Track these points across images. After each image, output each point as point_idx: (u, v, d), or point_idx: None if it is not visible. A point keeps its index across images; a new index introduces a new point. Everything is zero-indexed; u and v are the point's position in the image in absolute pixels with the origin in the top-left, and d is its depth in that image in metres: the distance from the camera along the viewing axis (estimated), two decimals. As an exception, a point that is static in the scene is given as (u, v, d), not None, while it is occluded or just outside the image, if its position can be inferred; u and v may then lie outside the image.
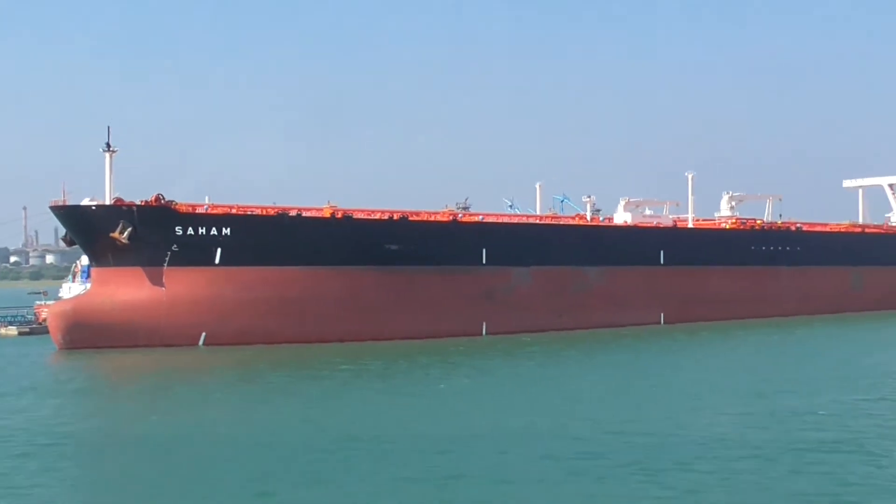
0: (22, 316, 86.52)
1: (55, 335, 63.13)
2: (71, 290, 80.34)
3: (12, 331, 78.36)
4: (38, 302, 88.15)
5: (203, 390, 47.72)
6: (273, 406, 41.64)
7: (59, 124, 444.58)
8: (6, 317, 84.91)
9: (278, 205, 70.97)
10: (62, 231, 69.22)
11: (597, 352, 67.50)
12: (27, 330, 77.99)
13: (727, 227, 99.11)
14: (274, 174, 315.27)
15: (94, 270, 67.04)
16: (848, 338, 76.36)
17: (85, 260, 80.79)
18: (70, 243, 68.13)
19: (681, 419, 35.23)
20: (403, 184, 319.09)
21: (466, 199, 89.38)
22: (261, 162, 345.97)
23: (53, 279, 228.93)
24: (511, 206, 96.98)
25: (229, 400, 44.26)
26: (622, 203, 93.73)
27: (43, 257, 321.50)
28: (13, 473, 27.75)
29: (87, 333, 62.43)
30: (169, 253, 64.52)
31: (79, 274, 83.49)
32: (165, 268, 64.54)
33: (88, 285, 75.08)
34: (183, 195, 67.73)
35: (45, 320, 75.96)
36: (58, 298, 79.80)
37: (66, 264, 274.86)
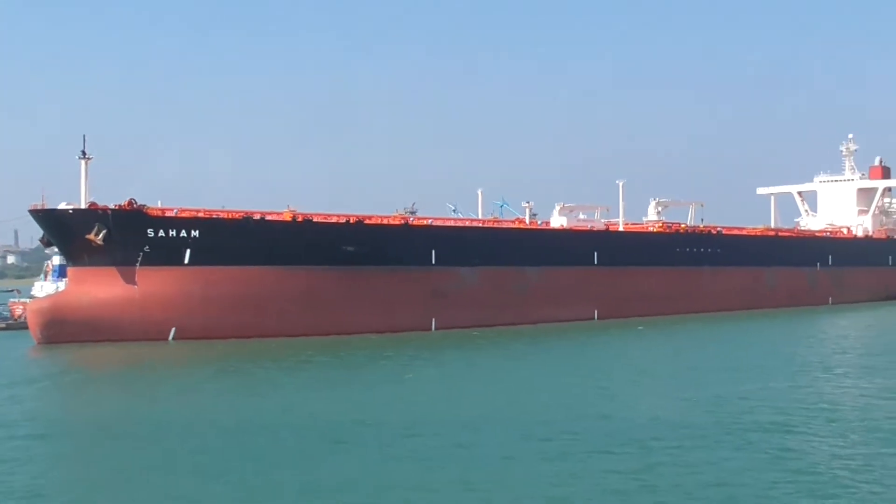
0: None
1: (34, 331, 65.80)
2: (43, 288, 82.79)
3: None
4: (11, 300, 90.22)
5: (187, 380, 50.63)
6: (260, 394, 44.87)
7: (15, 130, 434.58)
8: None
9: (241, 209, 73.72)
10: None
11: (539, 344, 70.34)
12: (3, 326, 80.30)
13: (654, 230, 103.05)
14: (232, 181, 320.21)
15: (70, 270, 69.63)
16: (763, 332, 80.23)
17: (56, 260, 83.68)
18: (47, 244, 71.00)
19: (624, 402, 39.95)
20: (356, 190, 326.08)
21: (413, 204, 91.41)
22: (220, 169, 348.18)
23: (15, 278, 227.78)
24: (454, 211, 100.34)
25: (214, 388, 47.31)
26: (557, 208, 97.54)
27: (4, 258, 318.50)
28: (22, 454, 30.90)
29: (65, 329, 64.84)
30: (141, 253, 66.96)
31: (51, 273, 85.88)
32: (138, 267, 67.00)
33: (60, 284, 78.08)
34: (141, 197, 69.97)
35: (20, 317, 78.82)
36: (31, 297, 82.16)
37: (26, 264, 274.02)
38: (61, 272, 78.47)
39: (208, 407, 41.31)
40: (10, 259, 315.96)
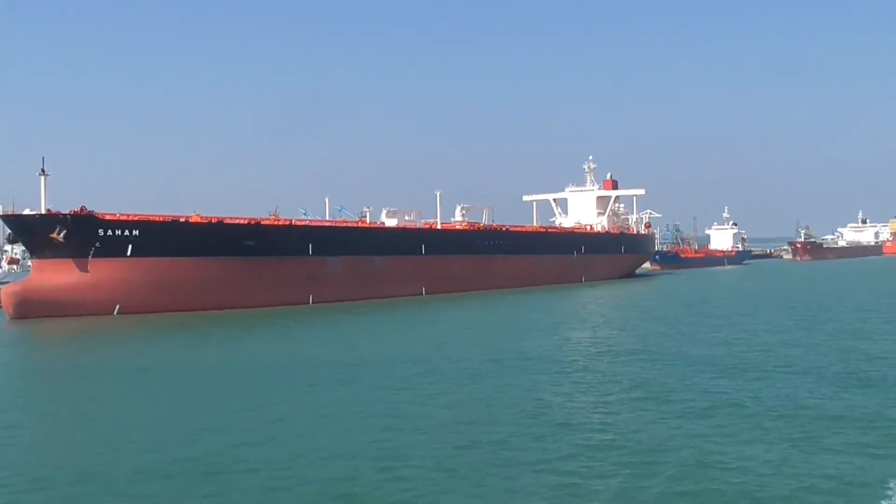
0: None
1: (7, 309, 73.36)
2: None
3: None
4: None
5: (128, 338, 59.57)
6: (171, 348, 53.64)
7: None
8: None
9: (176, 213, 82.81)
10: None
11: (388, 312, 78.66)
12: None
13: (461, 228, 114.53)
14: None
15: (33, 262, 77.82)
16: (541, 301, 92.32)
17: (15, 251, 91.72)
18: (13, 241, 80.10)
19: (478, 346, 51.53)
20: (231, 194, 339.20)
21: (276, 208, 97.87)
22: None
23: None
24: (304, 214, 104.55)
25: (150, 343, 56.73)
26: (384, 211, 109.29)
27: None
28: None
29: (32, 307, 72.24)
30: (93, 248, 74.75)
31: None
32: (90, 259, 74.81)
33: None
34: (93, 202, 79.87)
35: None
36: None
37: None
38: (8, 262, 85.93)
39: (138, 353, 50.96)
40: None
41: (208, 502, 21.13)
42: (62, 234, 73.96)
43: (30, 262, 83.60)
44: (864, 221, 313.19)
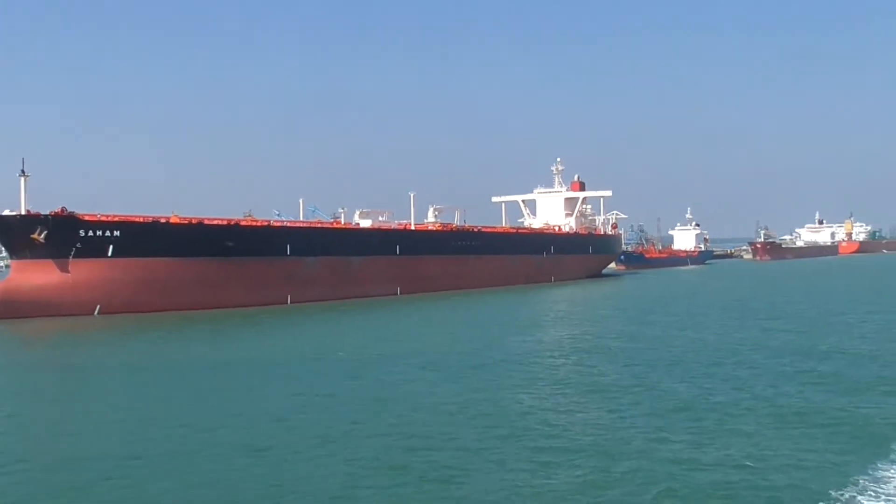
0: None
1: None
2: None
3: None
4: None
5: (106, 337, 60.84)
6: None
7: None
8: None
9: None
10: None
11: (366, 311, 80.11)
12: None
13: (434, 229, 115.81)
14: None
15: (13, 262, 77.85)
16: (513, 301, 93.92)
17: None
18: None
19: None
20: (204, 196, 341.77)
21: (250, 210, 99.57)
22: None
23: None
24: (278, 215, 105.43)
25: (128, 342, 57.81)
26: (358, 212, 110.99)
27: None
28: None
29: (14, 307, 72.10)
30: (74, 248, 74.83)
31: None
32: (71, 260, 74.90)
33: None
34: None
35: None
36: None
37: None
38: None
39: (120, 352, 52.86)
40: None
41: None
42: (43, 235, 74.27)
43: (9, 263, 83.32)
44: (820, 222, 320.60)
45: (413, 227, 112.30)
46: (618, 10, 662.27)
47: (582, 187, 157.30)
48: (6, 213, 76.04)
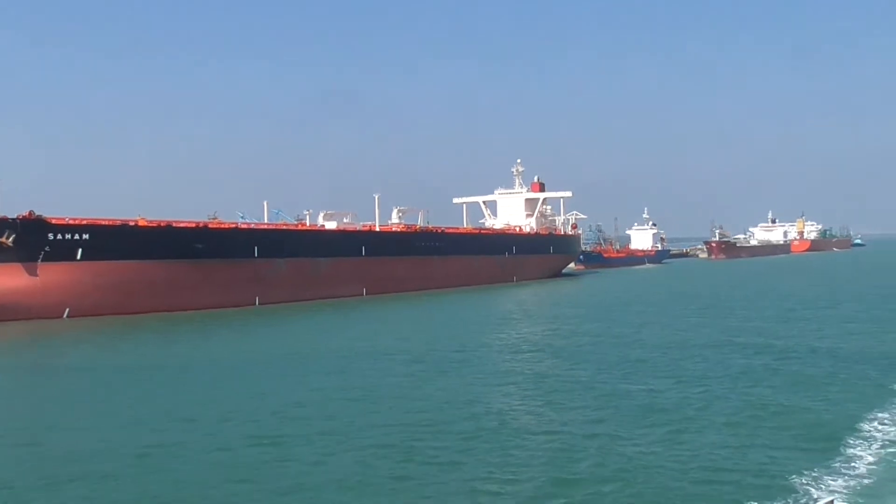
0: None
1: None
2: None
3: None
4: None
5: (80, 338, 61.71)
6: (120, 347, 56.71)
7: None
8: None
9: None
10: None
11: (337, 311, 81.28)
12: None
13: (399, 230, 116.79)
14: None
15: None
16: (479, 300, 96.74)
17: None
18: None
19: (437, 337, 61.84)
20: (172, 197, 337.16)
21: (216, 212, 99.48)
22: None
23: None
24: (242, 217, 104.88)
25: (99, 344, 58.53)
26: (322, 214, 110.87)
27: None
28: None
29: None
30: (42, 252, 75.01)
31: None
32: (40, 263, 75.09)
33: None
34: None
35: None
36: None
37: None
38: None
39: (90, 353, 54.54)
40: None
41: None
42: (11, 239, 74.15)
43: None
44: (773, 221, 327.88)
45: (378, 229, 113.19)
46: (578, 13, 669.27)
47: (542, 188, 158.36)
48: (-24, 217, 75.55)
